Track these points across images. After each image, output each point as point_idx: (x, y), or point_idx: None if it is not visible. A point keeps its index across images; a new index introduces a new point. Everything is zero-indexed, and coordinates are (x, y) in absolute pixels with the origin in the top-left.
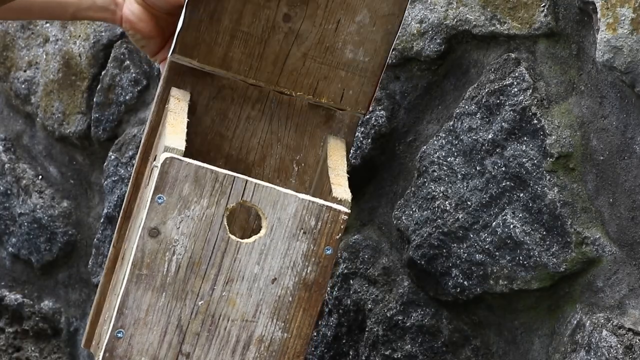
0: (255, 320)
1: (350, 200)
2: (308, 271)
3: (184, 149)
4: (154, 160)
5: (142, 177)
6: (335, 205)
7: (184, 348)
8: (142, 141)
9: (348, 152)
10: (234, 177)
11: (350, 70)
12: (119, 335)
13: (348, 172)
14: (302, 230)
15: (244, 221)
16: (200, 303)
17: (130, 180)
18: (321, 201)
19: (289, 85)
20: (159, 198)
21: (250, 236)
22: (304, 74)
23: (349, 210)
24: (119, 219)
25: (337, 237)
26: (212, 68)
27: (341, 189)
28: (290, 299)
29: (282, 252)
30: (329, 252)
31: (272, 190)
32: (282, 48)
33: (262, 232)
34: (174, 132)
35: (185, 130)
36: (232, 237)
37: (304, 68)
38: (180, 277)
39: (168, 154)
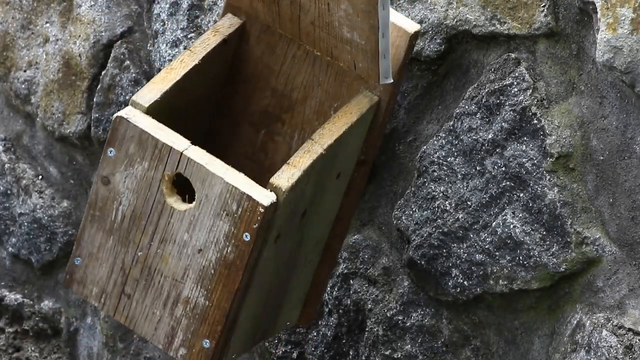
0: (183, 282)
1: (285, 189)
2: (228, 251)
3: (147, 106)
4: None
5: None
6: (256, 196)
7: (126, 289)
8: None
9: (385, 113)
10: (170, 148)
11: (354, 47)
12: (77, 262)
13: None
14: (225, 212)
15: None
16: (139, 253)
17: None
18: (244, 188)
19: (309, 43)
20: (110, 151)
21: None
22: (318, 39)
23: (274, 201)
24: None
25: (255, 226)
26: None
27: (289, 172)
28: (213, 272)
29: (208, 227)
30: (247, 238)
31: (201, 168)
32: (293, 12)
33: (193, 204)
34: (160, 81)
35: (178, 78)
36: (168, 201)
37: (315, 34)
38: (124, 226)
39: (124, 112)
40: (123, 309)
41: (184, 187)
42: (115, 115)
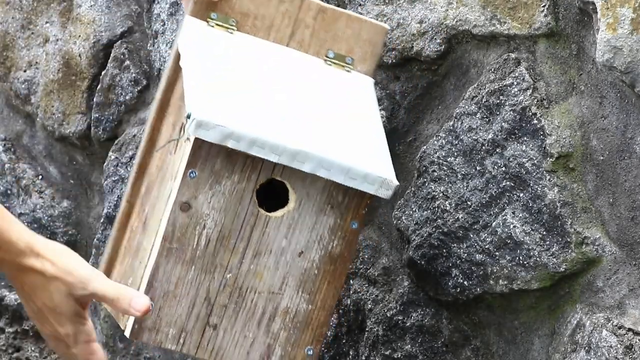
0: (282, 292)
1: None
2: (334, 245)
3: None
4: (179, 125)
5: (158, 132)
6: None
7: (212, 320)
8: (158, 97)
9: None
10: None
11: None
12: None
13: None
14: (329, 205)
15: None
16: (228, 276)
17: (145, 135)
18: None
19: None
20: (192, 173)
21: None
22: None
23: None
24: (133, 174)
25: (363, 212)
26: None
27: None
28: (316, 271)
29: (310, 226)
30: (354, 226)
31: (302, 166)
32: None
33: (291, 206)
34: None
35: None
36: (262, 211)
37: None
38: (209, 251)
39: (187, 127)
40: (207, 343)
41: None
42: (195, 136)
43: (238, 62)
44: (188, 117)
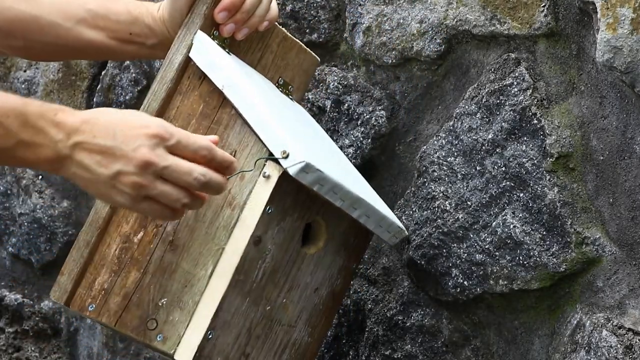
0: (296, 325)
1: None
2: (337, 283)
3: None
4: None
5: None
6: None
7: (247, 350)
8: (154, 107)
9: None
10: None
11: None
12: (210, 336)
13: None
14: (344, 247)
15: None
16: (267, 308)
17: None
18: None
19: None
20: (270, 209)
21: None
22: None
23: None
24: None
25: (363, 255)
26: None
27: None
28: (321, 307)
29: (327, 264)
30: (354, 266)
31: (335, 208)
32: None
33: (320, 245)
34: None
35: None
36: (303, 248)
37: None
38: (262, 284)
39: (285, 167)
40: None
41: None
42: (280, 171)
43: (260, 92)
44: (286, 157)
